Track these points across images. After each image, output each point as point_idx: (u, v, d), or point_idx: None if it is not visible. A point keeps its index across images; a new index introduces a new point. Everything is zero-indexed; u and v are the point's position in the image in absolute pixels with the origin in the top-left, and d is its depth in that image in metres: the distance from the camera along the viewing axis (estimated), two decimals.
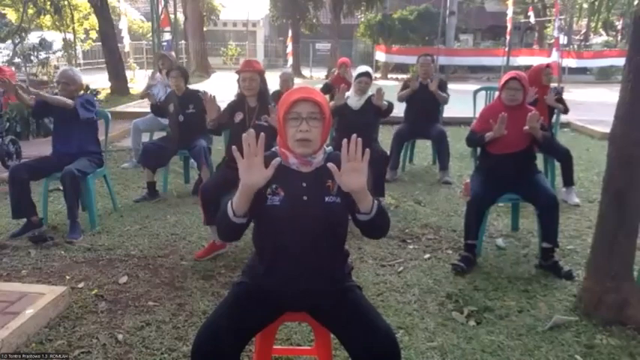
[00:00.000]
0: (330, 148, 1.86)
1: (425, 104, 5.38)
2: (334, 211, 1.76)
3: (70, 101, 3.75)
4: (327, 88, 6.66)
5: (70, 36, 13.01)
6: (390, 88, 13.83)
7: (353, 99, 4.41)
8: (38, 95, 3.76)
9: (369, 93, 4.44)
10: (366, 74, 4.37)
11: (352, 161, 1.61)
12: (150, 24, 14.74)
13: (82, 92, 4.10)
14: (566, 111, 4.80)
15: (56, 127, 3.89)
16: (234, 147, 1.62)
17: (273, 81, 5.23)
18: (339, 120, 4.35)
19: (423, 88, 5.41)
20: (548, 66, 4.63)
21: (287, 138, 1.75)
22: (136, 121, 5.78)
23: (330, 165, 1.62)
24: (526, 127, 3.15)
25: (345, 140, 1.61)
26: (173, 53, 9.22)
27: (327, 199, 1.76)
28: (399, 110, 5.87)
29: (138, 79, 16.50)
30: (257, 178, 1.61)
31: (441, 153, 5.36)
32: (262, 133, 1.67)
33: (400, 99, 5.46)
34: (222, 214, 1.71)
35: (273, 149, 1.84)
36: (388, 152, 4.81)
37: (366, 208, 1.67)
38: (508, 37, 17.69)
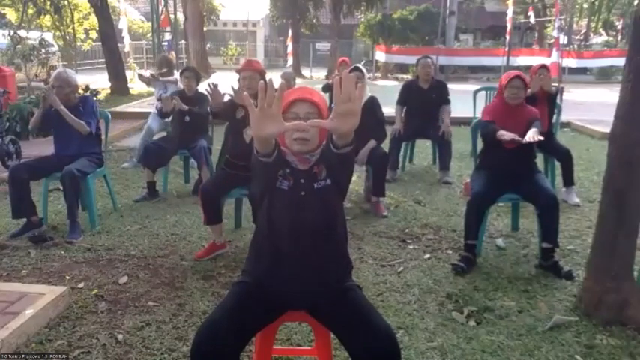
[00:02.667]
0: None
1: (425, 105, 5.38)
2: (325, 193, 1.77)
3: (87, 128, 3.80)
4: (327, 88, 6.65)
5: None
6: (389, 88, 13.83)
7: None
8: (58, 108, 3.69)
9: (368, 94, 4.43)
10: (357, 69, 4.38)
11: (347, 102, 1.48)
12: (150, 24, 14.74)
13: (80, 92, 4.10)
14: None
15: (57, 129, 3.89)
16: (245, 93, 1.54)
17: (273, 81, 5.23)
18: None
19: (423, 90, 5.42)
20: (543, 66, 4.60)
21: (285, 137, 1.77)
22: (150, 124, 5.76)
23: (311, 122, 1.55)
24: (526, 140, 3.13)
25: (337, 78, 1.49)
26: (173, 53, 9.22)
27: (315, 185, 1.77)
28: None
29: (138, 79, 16.50)
30: (270, 130, 1.49)
31: (443, 153, 5.35)
32: (282, 81, 1.57)
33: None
34: (252, 158, 1.67)
35: None
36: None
37: (346, 142, 1.60)
38: (508, 37, 17.69)
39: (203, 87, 4.07)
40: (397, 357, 1.65)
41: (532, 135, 3.12)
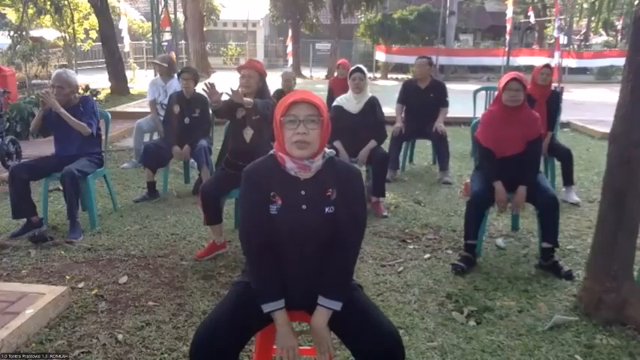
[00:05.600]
0: (330, 150, 1.83)
1: (424, 105, 5.38)
2: (331, 216, 1.73)
3: (88, 129, 3.80)
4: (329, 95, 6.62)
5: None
6: (389, 88, 13.81)
7: (352, 102, 4.39)
8: (58, 111, 3.68)
9: (369, 95, 4.43)
10: (358, 70, 4.38)
11: None
12: (150, 24, 14.73)
13: (81, 92, 4.09)
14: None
15: (57, 129, 3.89)
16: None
17: (273, 81, 5.23)
18: (338, 125, 4.21)
19: (420, 90, 5.42)
20: (547, 66, 4.61)
21: (284, 141, 1.72)
22: (139, 122, 5.78)
23: None
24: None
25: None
26: (173, 54, 9.20)
27: (327, 209, 1.72)
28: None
29: (138, 79, 16.50)
30: None
31: (441, 153, 5.36)
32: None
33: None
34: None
35: (271, 152, 1.83)
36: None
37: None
38: (508, 37, 17.69)
39: (201, 87, 4.05)
40: (402, 357, 1.65)
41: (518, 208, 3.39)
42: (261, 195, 1.74)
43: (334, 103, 4.52)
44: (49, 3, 11.89)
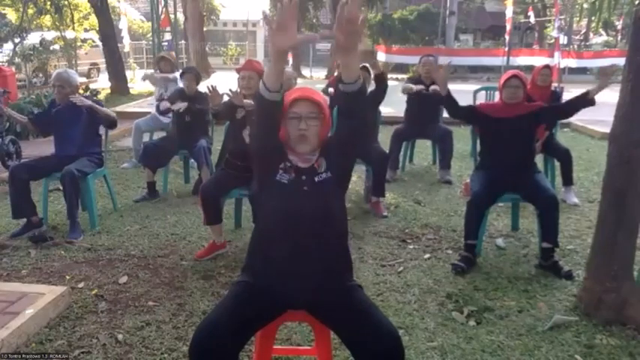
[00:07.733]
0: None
1: (425, 104, 5.35)
2: (326, 186, 1.80)
3: (112, 114, 3.88)
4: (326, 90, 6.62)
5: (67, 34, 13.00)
6: (389, 88, 13.74)
7: None
8: (83, 104, 3.71)
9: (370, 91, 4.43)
10: (363, 67, 4.37)
11: (350, 24, 1.56)
12: (150, 24, 14.73)
13: (80, 92, 4.09)
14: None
15: (57, 130, 3.88)
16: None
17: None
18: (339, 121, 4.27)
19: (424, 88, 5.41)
20: (546, 67, 4.62)
21: (287, 137, 1.82)
22: (137, 122, 5.79)
23: (319, 35, 1.69)
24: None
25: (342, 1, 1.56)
26: (173, 53, 9.21)
27: (316, 178, 1.81)
28: (399, 110, 5.89)
29: (138, 79, 16.49)
30: (287, 41, 1.60)
31: (445, 152, 5.32)
32: None
33: (404, 90, 5.41)
34: (256, 101, 1.75)
35: None
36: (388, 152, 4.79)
37: (351, 78, 1.66)
38: (508, 37, 17.68)
39: (203, 88, 4.08)
40: (401, 357, 1.65)
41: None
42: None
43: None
44: (49, 3, 11.89)
